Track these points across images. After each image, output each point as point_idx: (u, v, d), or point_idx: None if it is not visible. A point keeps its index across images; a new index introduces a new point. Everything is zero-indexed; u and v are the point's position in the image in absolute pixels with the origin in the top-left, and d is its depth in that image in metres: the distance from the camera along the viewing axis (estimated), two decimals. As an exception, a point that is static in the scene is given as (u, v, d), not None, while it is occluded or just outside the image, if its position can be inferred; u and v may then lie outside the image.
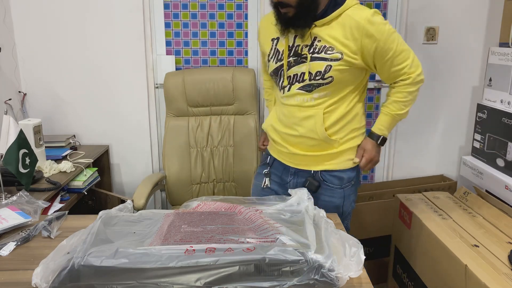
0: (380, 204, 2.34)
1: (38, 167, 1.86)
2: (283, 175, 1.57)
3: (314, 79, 1.38)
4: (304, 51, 1.39)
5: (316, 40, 1.37)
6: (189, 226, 1.09)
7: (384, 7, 2.42)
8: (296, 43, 1.40)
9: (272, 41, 1.48)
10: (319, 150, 1.47)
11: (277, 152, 1.57)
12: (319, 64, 1.36)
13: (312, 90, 1.40)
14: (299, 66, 1.40)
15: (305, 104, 1.43)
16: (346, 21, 1.34)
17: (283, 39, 1.43)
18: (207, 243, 0.98)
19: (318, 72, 1.37)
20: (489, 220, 1.81)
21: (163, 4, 2.33)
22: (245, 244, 0.97)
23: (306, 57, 1.38)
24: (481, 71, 2.44)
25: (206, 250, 0.94)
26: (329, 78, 1.37)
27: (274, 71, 1.48)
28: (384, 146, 2.66)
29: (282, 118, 1.50)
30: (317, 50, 1.37)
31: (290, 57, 1.42)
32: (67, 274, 0.91)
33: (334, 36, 1.35)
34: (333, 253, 0.95)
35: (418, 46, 2.40)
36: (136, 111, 2.42)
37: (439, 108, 2.51)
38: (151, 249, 0.95)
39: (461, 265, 1.51)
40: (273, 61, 1.47)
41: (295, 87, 1.43)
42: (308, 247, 0.96)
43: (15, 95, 2.33)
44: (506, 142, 1.98)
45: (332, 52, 1.35)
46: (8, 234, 1.26)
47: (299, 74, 1.41)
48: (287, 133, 1.49)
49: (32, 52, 2.34)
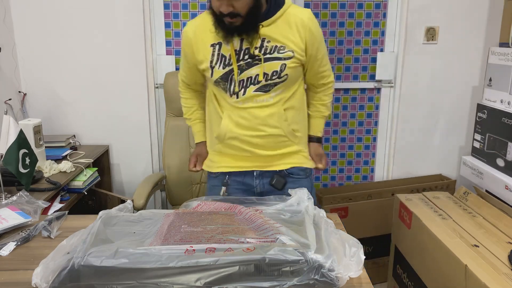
0: (379, 203, 2.34)
1: (38, 167, 1.86)
2: (246, 180, 1.54)
3: (271, 79, 1.39)
4: (256, 53, 1.37)
5: (265, 41, 1.37)
6: (189, 226, 1.08)
7: (384, 7, 2.42)
8: (244, 46, 1.38)
9: (213, 47, 1.41)
10: (284, 147, 1.49)
11: (234, 162, 1.52)
12: (274, 64, 1.38)
13: (269, 90, 1.41)
14: (252, 68, 1.38)
15: (265, 103, 1.43)
16: (290, 19, 1.38)
17: (228, 44, 1.38)
18: (207, 243, 0.98)
19: (275, 72, 1.38)
20: (489, 220, 1.81)
21: (163, 4, 2.33)
22: (245, 244, 0.97)
23: (259, 59, 1.37)
24: (481, 71, 2.44)
25: (206, 250, 0.94)
26: (285, 76, 1.40)
27: (223, 76, 1.42)
28: (384, 146, 2.67)
29: (242, 122, 1.45)
30: (269, 51, 1.37)
31: (241, 61, 1.39)
32: (67, 274, 0.91)
33: (282, 35, 1.37)
34: (333, 253, 0.95)
35: (418, 46, 2.40)
36: (136, 111, 2.42)
37: (439, 108, 2.51)
38: (151, 249, 0.95)
39: (461, 265, 1.51)
40: (220, 67, 1.41)
41: (251, 90, 1.41)
42: (308, 247, 0.96)
43: (15, 95, 2.33)
44: (506, 142, 1.98)
45: (284, 51, 1.38)
46: (8, 234, 1.26)
47: (253, 76, 1.39)
48: (251, 135, 1.45)
49: (32, 52, 2.34)
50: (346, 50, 2.47)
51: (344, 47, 2.47)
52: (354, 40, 2.46)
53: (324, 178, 2.68)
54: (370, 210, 2.33)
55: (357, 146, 2.63)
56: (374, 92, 2.54)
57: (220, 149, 1.52)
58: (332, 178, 2.68)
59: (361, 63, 2.50)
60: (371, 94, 2.55)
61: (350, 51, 2.48)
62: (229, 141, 1.48)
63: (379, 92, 2.55)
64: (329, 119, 2.57)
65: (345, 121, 2.59)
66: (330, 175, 2.68)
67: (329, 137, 2.60)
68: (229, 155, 1.52)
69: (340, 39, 2.45)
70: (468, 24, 2.38)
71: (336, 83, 2.51)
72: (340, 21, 2.43)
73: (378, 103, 2.56)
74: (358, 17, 2.43)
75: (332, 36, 2.45)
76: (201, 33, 1.43)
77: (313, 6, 2.40)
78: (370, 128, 2.60)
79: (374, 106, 2.57)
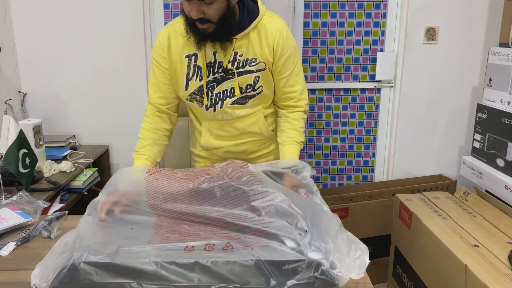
0: (380, 203, 2.34)
1: (38, 167, 1.86)
2: None
3: (246, 92, 1.37)
4: (229, 67, 1.34)
5: (237, 55, 1.34)
6: (183, 215, 1.08)
7: (384, 7, 2.42)
8: (217, 59, 1.34)
9: (188, 58, 1.35)
10: (266, 148, 1.51)
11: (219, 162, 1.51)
12: (247, 78, 1.35)
13: (246, 102, 1.40)
14: (228, 81, 1.36)
15: (243, 114, 1.42)
16: (262, 31, 1.33)
17: (200, 51, 1.33)
18: (207, 236, 0.99)
19: (248, 85, 1.36)
20: (489, 220, 1.81)
21: (163, 4, 2.33)
22: (244, 239, 0.97)
23: (233, 73, 1.34)
24: (481, 71, 2.44)
25: (205, 247, 0.94)
26: (260, 88, 1.38)
27: (199, 89, 1.37)
28: (384, 146, 2.68)
29: (222, 134, 1.45)
30: (241, 64, 1.34)
31: (216, 74, 1.35)
32: (67, 272, 0.91)
33: (254, 48, 1.34)
34: (333, 249, 0.94)
35: (418, 46, 2.40)
36: (136, 111, 2.41)
37: (439, 108, 2.51)
38: (151, 247, 0.95)
39: (461, 265, 1.51)
40: (196, 79, 1.36)
41: (228, 103, 1.38)
42: (297, 220, 0.97)
43: (15, 95, 2.33)
44: (506, 142, 1.98)
45: (256, 63, 1.34)
46: (8, 234, 1.26)
47: (229, 90, 1.37)
48: (234, 144, 1.47)
49: (32, 52, 2.34)
50: (346, 50, 2.47)
51: (344, 47, 2.47)
52: (354, 40, 2.46)
53: (324, 178, 2.69)
54: (370, 211, 2.33)
55: (357, 146, 2.63)
56: (374, 92, 2.55)
57: (204, 153, 1.55)
58: (332, 178, 2.69)
59: (361, 63, 2.50)
60: (371, 94, 2.55)
61: (350, 51, 2.48)
62: (213, 151, 1.51)
63: (379, 92, 2.55)
64: (329, 119, 2.57)
65: (345, 121, 2.59)
66: (330, 175, 2.68)
67: (329, 137, 2.61)
68: (213, 159, 1.54)
69: (340, 39, 2.45)
70: (468, 24, 2.38)
71: (336, 83, 2.52)
72: (340, 21, 2.43)
73: (378, 103, 2.56)
74: (358, 17, 2.43)
75: (332, 36, 2.45)
76: (175, 43, 1.36)
77: (313, 6, 2.40)
78: (370, 128, 2.60)
79: (374, 106, 2.57)
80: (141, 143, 1.42)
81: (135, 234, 1.04)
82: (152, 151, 1.41)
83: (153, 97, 1.44)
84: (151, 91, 1.45)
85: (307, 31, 2.44)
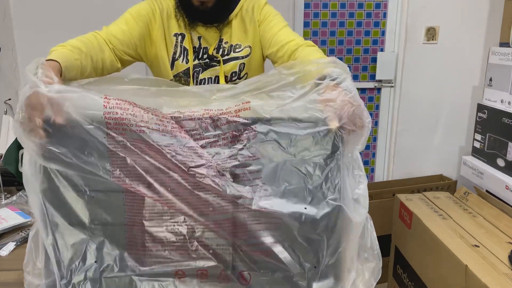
0: (380, 203, 2.33)
1: (38, 167, 1.86)
2: None
3: (231, 80, 1.36)
4: (214, 54, 1.32)
5: (223, 42, 1.32)
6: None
7: (384, 7, 2.42)
8: (202, 45, 1.31)
9: (176, 37, 1.31)
10: None
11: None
12: (233, 65, 1.33)
13: None
14: (211, 69, 1.34)
15: None
16: (244, 14, 1.32)
17: (192, 32, 1.30)
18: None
19: (234, 72, 1.34)
20: (489, 220, 1.81)
21: (163, 4, 2.33)
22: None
23: (218, 60, 1.32)
24: (481, 71, 2.44)
25: (197, 274, 0.88)
26: (245, 75, 1.36)
27: (185, 72, 1.33)
28: (384, 146, 2.67)
29: None
30: (226, 52, 1.32)
31: (201, 60, 1.33)
32: None
33: (238, 33, 1.32)
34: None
35: (418, 46, 2.40)
36: (136, 111, 2.41)
37: (439, 108, 2.51)
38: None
39: (461, 265, 1.50)
40: (183, 60, 1.32)
41: None
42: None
43: (15, 95, 2.33)
44: (506, 142, 1.98)
45: (241, 49, 1.33)
46: (8, 234, 1.26)
47: (213, 77, 1.34)
48: None
49: (32, 52, 2.33)
50: (346, 50, 2.47)
51: (344, 47, 2.47)
52: (354, 40, 2.46)
53: (324, 178, 2.68)
54: (370, 211, 2.31)
55: (357, 146, 2.63)
56: (374, 92, 2.54)
57: None
58: (332, 178, 2.68)
59: (361, 63, 2.50)
60: (371, 94, 2.54)
61: (350, 51, 2.48)
62: None
63: (379, 92, 2.55)
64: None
65: (345, 121, 2.58)
66: (330, 175, 2.67)
67: (329, 137, 2.60)
68: None
69: (340, 39, 2.45)
70: (468, 24, 2.38)
71: (336, 83, 2.51)
72: (340, 21, 2.43)
73: (378, 103, 2.56)
74: (358, 17, 2.43)
75: (332, 36, 2.45)
76: (167, 17, 1.31)
77: (313, 6, 2.40)
78: (370, 128, 2.60)
79: (374, 106, 2.56)
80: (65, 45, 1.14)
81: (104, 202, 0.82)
82: (80, 55, 1.14)
83: (109, 33, 1.26)
84: (113, 28, 1.28)
85: (307, 31, 2.44)
